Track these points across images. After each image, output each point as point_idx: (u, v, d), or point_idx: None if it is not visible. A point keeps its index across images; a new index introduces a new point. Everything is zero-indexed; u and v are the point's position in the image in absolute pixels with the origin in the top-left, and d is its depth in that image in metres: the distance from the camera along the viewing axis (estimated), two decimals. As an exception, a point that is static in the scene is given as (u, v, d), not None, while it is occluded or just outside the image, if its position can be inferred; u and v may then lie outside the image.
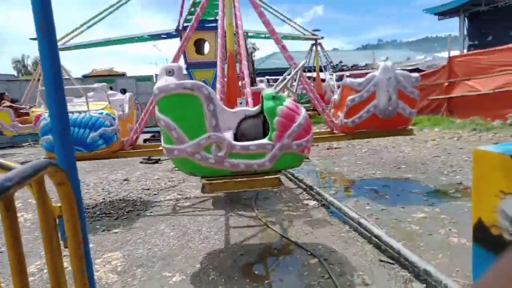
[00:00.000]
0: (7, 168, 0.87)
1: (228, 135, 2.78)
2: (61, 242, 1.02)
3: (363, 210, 3.86)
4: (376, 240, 2.96)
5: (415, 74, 4.56)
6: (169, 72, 2.91)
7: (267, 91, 2.87)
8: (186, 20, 8.94)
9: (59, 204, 1.00)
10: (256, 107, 3.14)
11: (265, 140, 2.74)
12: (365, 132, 4.67)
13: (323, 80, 15.01)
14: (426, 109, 11.85)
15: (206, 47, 9.50)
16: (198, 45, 9.39)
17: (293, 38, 14.39)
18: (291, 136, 2.69)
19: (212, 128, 2.67)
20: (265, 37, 11.83)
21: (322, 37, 15.05)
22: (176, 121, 2.64)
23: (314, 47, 15.13)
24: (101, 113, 4.31)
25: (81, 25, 10.04)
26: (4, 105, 10.66)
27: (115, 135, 4.31)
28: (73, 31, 10.07)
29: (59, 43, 10.52)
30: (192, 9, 8.10)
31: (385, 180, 5.06)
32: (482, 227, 1.15)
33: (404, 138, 8.58)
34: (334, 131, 4.89)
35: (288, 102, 2.80)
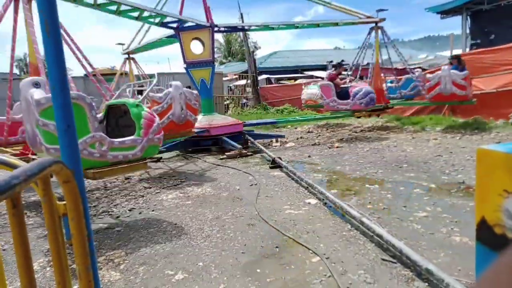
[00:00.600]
0: (13, 166, 0.88)
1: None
2: (65, 240, 1.03)
3: (365, 209, 3.86)
4: (378, 239, 2.96)
5: (195, 92, 6.39)
6: (36, 85, 3.44)
7: (130, 101, 4.14)
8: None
9: (64, 202, 1.01)
10: (99, 115, 4.46)
11: (135, 136, 3.90)
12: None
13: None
14: (428, 108, 11.83)
15: (199, 46, 9.48)
16: (195, 44, 9.37)
17: (337, 24, 10.54)
18: (154, 132, 3.94)
19: (94, 130, 3.54)
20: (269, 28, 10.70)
21: (384, 19, 10.53)
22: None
23: (373, 33, 10.70)
24: None
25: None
26: None
27: None
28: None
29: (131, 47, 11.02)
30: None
31: (387, 179, 5.05)
32: (486, 226, 1.15)
33: (406, 136, 8.57)
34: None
35: (147, 109, 4.05)
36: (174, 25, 9.11)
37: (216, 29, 9.51)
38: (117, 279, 2.71)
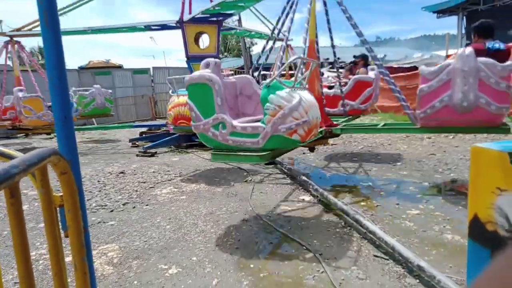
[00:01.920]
0: (10, 157, 0.87)
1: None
2: (61, 231, 1.03)
3: (358, 206, 3.89)
4: (371, 235, 2.99)
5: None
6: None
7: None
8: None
9: (60, 194, 1.00)
10: None
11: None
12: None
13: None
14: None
15: (206, 41, 9.44)
16: (198, 39, 9.33)
17: (262, 36, 12.54)
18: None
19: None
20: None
21: (291, 39, 12.61)
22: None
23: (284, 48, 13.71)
24: None
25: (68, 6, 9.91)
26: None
27: None
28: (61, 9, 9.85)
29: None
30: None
31: (380, 177, 5.09)
32: (478, 223, 1.17)
33: (400, 135, 8.64)
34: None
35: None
36: (177, 17, 9.05)
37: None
38: (110, 272, 2.70)
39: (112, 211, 4.17)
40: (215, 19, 9.05)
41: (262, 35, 11.87)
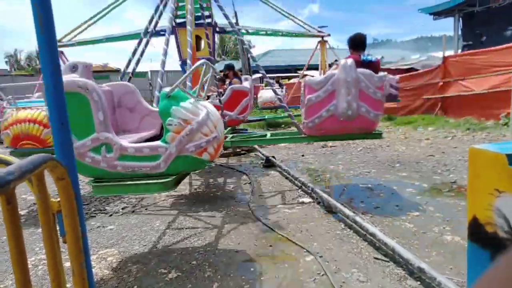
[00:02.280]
0: (6, 163, 0.87)
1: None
2: (59, 237, 1.02)
3: (358, 208, 3.88)
4: (371, 237, 2.98)
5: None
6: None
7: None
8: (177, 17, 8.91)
9: (58, 199, 1.00)
10: None
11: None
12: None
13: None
14: (420, 108, 11.93)
15: (202, 44, 9.44)
16: (198, 42, 9.31)
17: (296, 35, 12.82)
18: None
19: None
20: (266, 34, 11.63)
21: (329, 35, 13.19)
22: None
23: (319, 45, 13.12)
24: None
25: (83, 23, 10.02)
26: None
27: None
28: (74, 29, 10.01)
29: (64, 40, 10.41)
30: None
31: (379, 179, 5.09)
32: (477, 224, 1.17)
33: (398, 137, 8.64)
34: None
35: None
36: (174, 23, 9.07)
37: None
38: (110, 277, 2.69)
39: (111, 215, 4.16)
40: (209, 21, 9.07)
41: (275, 33, 11.73)
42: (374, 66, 4.25)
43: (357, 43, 4.51)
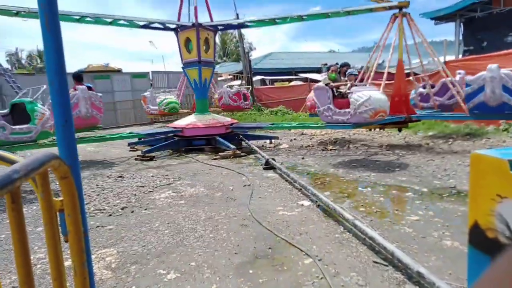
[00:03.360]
0: (10, 161, 0.87)
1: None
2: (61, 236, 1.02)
3: (357, 211, 3.89)
4: (370, 241, 2.98)
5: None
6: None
7: (26, 99, 6.40)
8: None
9: (60, 198, 1.00)
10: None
11: (30, 124, 6.32)
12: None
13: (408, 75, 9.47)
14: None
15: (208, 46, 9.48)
16: (188, 44, 9.26)
17: (349, 12, 8.43)
18: (45, 122, 6.15)
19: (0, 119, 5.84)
20: (299, 19, 8.94)
21: (408, 2, 7.92)
22: None
23: (396, 20, 8.21)
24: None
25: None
26: None
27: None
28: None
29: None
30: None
31: (379, 182, 5.09)
32: (478, 229, 1.17)
33: (399, 141, 8.65)
34: None
35: (39, 106, 5.64)
36: (173, 26, 9.14)
37: (204, 27, 9.32)
38: (108, 277, 2.69)
39: (110, 215, 4.15)
40: (214, 24, 9.12)
41: (269, 23, 9.31)
42: None
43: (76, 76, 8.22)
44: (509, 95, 6.35)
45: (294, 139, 10.08)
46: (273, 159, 6.36)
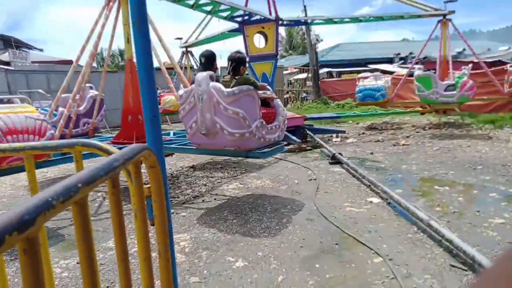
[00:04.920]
0: (108, 152, 0.98)
1: None
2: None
3: (433, 211, 3.65)
4: (447, 243, 2.79)
5: None
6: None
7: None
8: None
9: (148, 185, 1.10)
10: None
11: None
12: None
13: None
14: (508, 106, 10.74)
15: (263, 40, 9.55)
16: (258, 38, 9.45)
17: (402, 16, 10.12)
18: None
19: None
20: (331, 22, 10.42)
21: (453, 11, 9.87)
22: None
23: (440, 27, 10.16)
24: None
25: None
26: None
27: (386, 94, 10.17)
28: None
29: (189, 41, 11.75)
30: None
31: (459, 181, 4.71)
32: None
33: (482, 136, 7.89)
34: None
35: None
36: (239, 19, 9.29)
37: (280, 22, 9.51)
38: (182, 261, 2.88)
39: (183, 203, 4.42)
40: (273, 18, 9.13)
41: (330, 21, 10.35)
42: None
43: None
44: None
45: (363, 133, 9.72)
46: (339, 153, 6.21)
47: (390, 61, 23.86)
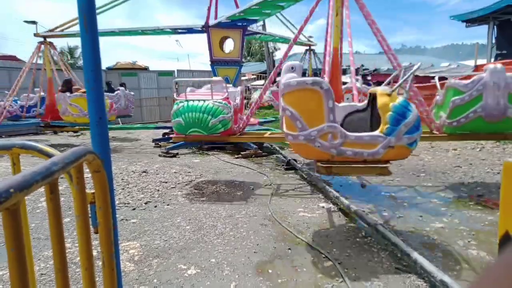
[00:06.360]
0: (48, 154, 0.91)
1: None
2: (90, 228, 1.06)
3: (380, 216, 3.82)
4: (393, 247, 2.93)
5: None
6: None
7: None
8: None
9: (92, 191, 1.04)
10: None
11: (377, 132, 3.10)
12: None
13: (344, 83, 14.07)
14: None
15: (230, 45, 9.58)
16: (223, 43, 9.50)
17: (287, 41, 13.79)
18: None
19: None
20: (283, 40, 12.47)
21: (315, 44, 15.10)
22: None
23: (308, 53, 15.27)
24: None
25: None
26: (80, 91, 9.66)
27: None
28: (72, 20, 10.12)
29: (70, 29, 10.58)
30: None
31: (403, 188, 4.99)
32: (509, 240, 1.13)
33: (425, 145, 8.44)
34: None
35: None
36: (201, 21, 9.27)
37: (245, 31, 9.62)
38: (131, 269, 2.76)
39: (134, 209, 4.25)
40: (240, 24, 9.17)
41: (286, 40, 12.38)
42: None
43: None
44: None
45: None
46: (294, 159, 6.34)
47: (343, 71, 24.84)
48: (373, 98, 3.73)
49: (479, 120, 4.30)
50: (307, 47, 15.11)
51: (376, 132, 3.09)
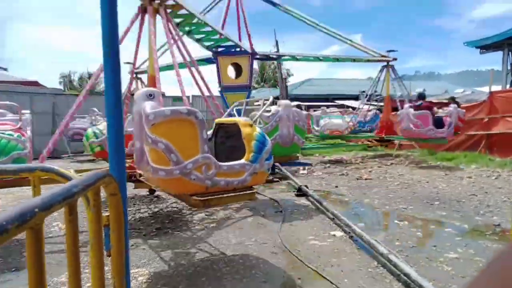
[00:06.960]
0: (67, 177, 0.96)
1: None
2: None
3: (392, 245, 3.74)
4: (405, 278, 2.86)
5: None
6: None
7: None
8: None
9: (107, 214, 1.08)
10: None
11: (243, 161, 3.25)
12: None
13: (395, 109, 12.74)
14: (463, 145, 11.45)
15: (232, 72, 9.83)
16: (231, 69, 9.75)
17: (354, 60, 12.59)
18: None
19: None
20: (317, 59, 12.84)
21: (395, 59, 12.28)
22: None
23: (384, 71, 12.61)
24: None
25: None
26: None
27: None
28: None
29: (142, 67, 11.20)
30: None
31: (417, 216, 4.89)
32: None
33: (439, 173, 8.31)
34: None
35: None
36: (215, 49, 9.53)
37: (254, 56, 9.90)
38: (140, 295, 2.75)
39: (145, 235, 4.26)
40: (249, 51, 9.45)
41: (294, 58, 12.21)
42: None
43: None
44: None
45: (329, 167, 9.95)
46: (306, 186, 6.31)
47: (356, 97, 24.97)
48: (218, 127, 4.17)
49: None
50: (384, 63, 12.55)
51: (243, 161, 3.25)
